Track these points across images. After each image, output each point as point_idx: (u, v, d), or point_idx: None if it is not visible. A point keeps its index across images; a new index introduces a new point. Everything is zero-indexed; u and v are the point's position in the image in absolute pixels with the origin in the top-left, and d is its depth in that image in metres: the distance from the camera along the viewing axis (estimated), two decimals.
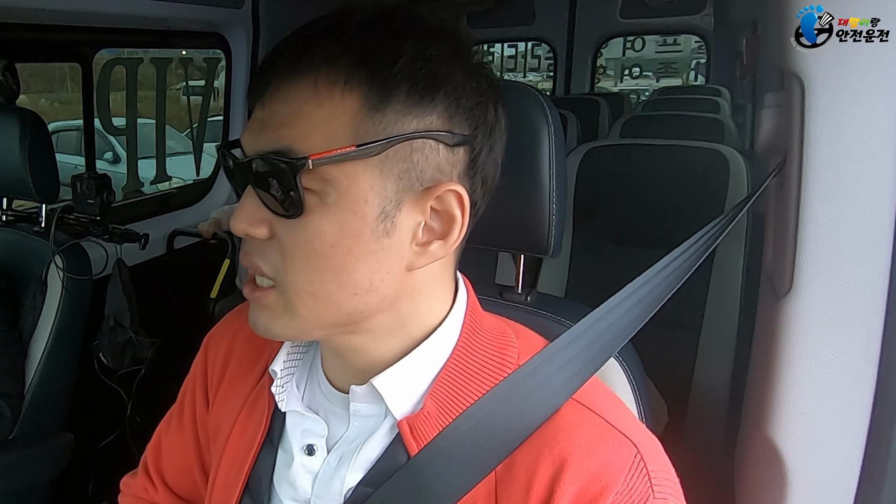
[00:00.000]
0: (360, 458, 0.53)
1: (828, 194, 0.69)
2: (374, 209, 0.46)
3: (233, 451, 0.60)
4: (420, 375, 0.52)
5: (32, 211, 1.49)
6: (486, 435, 0.51)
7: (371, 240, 0.47)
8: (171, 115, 3.86)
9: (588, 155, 1.63)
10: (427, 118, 0.47)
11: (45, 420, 1.35)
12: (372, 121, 0.45)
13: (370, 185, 0.46)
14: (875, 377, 0.72)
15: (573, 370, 0.55)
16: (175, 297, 1.86)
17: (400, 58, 0.45)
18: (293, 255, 0.47)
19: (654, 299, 0.65)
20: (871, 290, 0.70)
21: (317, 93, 0.45)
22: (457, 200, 0.49)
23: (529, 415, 0.51)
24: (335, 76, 0.45)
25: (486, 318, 0.57)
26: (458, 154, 0.49)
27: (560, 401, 0.52)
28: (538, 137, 0.62)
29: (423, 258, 0.49)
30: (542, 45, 5.31)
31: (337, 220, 0.46)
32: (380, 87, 0.45)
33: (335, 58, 0.45)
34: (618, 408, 0.53)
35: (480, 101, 0.49)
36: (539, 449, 0.49)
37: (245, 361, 0.64)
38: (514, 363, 0.54)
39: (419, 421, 0.51)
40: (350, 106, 0.45)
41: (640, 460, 0.47)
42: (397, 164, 0.46)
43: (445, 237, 0.49)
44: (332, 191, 0.45)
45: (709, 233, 0.71)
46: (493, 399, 0.52)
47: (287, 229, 0.47)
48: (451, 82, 0.47)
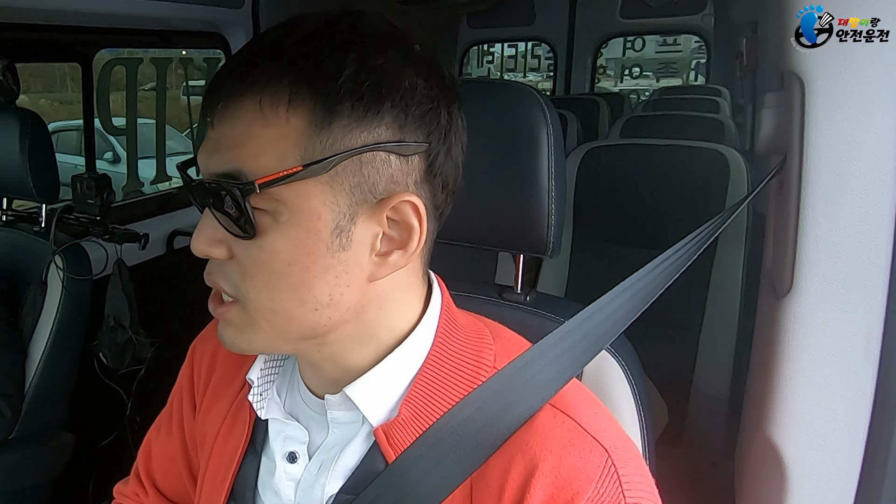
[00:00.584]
0: (339, 465, 0.53)
1: (828, 194, 0.69)
2: (328, 225, 0.46)
3: (217, 460, 0.61)
4: (394, 382, 0.52)
5: (32, 211, 1.48)
6: (475, 429, 0.50)
7: (327, 255, 0.47)
8: (170, 115, 3.86)
9: (588, 155, 1.63)
10: (375, 130, 0.46)
11: (45, 420, 1.35)
12: (319, 138, 0.45)
13: (321, 201, 0.46)
14: (875, 377, 0.72)
15: (564, 364, 0.55)
16: (175, 297, 1.85)
17: (342, 71, 0.45)
18: (252, 274, 0.47)
19: (647, 294, 0.65)
20: (871, 290, 0.70)
21: (262, 113, 0.45)
22: (412, 210, 0.48)
23: (519, 408, 0.51)
24: (279, 95, 0.45)
25: (461, 318, 0.56)
26: (412, 162, 0.48)
27: (549, 394, 0.52)
28: (537, 138, 0.62)
29: (384, 268, 0.49)
30: (542, 45, 5.31)
31: (291, 239, 0.46)
32: (324, 104, 0.45)
33: (278, 76, 0.45)
34: (592, 409, 0.52)
35: (432, 107, 0.48)
36: (512, 453, 0.49)
37: (228, 370, 0.64)
38: (490, 366, 0.53)
39: (395, 429, 0.51)
40: (296, 125, 0.45)
41: (611, 465, 0.47)
42: (348, 178, 0.46)
43: (405, 246, 0.49)
44: (285, 210, 0.46)
45: (705, 230, 0.71)
46: (483, 394, 0.52)
47: (244, 249, 0.47)
48: (398, 91, 0.46)
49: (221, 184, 0.46)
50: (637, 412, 0.68)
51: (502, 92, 0.65)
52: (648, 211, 1.57)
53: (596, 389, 0.66)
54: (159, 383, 0.78)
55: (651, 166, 1.59)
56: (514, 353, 0.55)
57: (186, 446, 0.69)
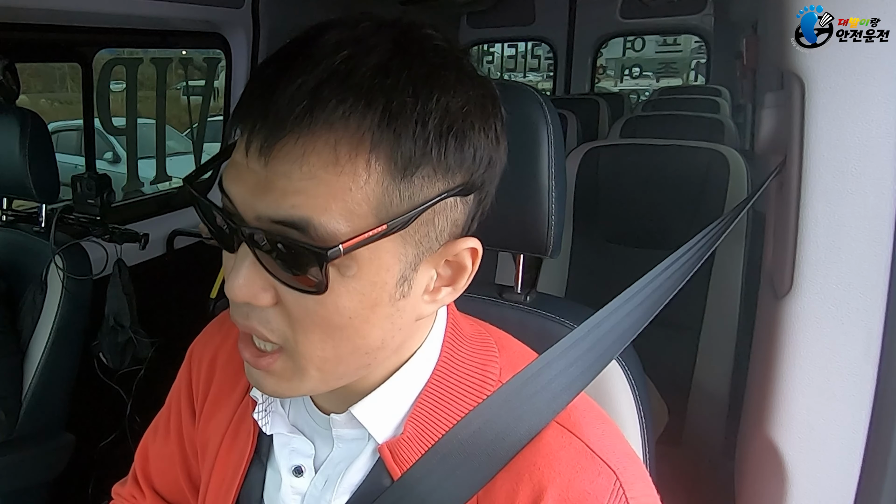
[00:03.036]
0: (345, 482, 0.52)
1: (828, 194, 0.69)
2: (395, 276, 0.43)
3: (221, 471, 0.59)
4: (399, 399, 0.51)
5: (32, 211, 1.48)
6: (484, 443, 0.49)
7: (388, 304, 0.44)
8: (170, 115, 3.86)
9: (588, 155, 1.63)
10: (452, 178, 0.43)
11: (45, 420, 1.35)
12: (398, 189, 0.40)
13: (393, 255, 0.42)
14: (875, 377, 0.72)
15: (573, 375, 0.54)
16: (175, 297, 1.86)
17: (428, 116, 0.40)
18: (305, 327, 0.43)
19: (654, 301, 0.64)
20: (871, 290, 0.70)
21: (336, 157, 0.39)
22: (471, 254, 0.47)
23: (528, 421, 0.50)
24: (358, 140, 0.39)
25: (466, 328, 0.55)
26: (469, 202, 0.45)
27: (559, 406, 0.51)
28: (537, 138, 0.62)
29: (432, 306, 0.47)
30: (542, 45, 5.31)
31: (357, 293, 0.42)
32: (409, 152, 0.40)
33: (359, 115, 0.39)
34: (600, 428, 0.51)
35: (495, 146, 0.45)
36: (519, 474, 0.48)
37: (229, 377, 0.62)
38: (495, 380, 0.52)
39: (399, 446, 0.50)
40: (374, 173, 0.40)
41: (619, 488, 0.46)
42: (420, 229, 0.43)
43: (454, 283, 0.47)
44: (354, 265, 0.41)
45: (709, 234, 0.71)
46: (491, 406, 0.51)
47: (297, 301, 0.43)
48: (475, 137, 0.43)
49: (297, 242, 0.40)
50: (637, 412, 0.68)
51: (502, 92, 0.64)
52: (648, 211, 1.57)
53: (596, 390, 0.66)
54: (159, 383, 0.77)
55: (651, 166, 1.59)
56: (520, 366, 0.54)
57: (185, 450, 0.68)
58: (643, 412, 0.68)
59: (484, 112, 0.44)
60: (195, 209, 0.47)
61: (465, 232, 0.47)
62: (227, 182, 0.43)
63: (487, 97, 0.45)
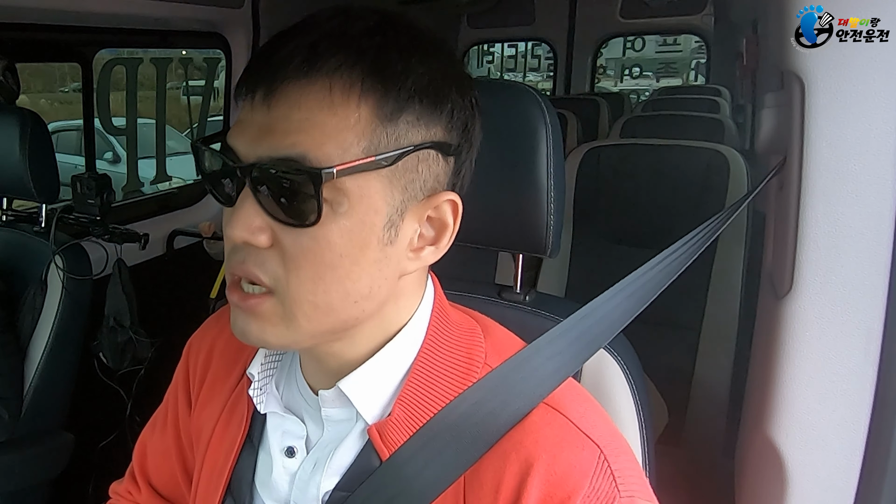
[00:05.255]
0: (334, 463, 0.53)
1: (828, 194, 0.69)
2: (383, 219, 0.47)
3: (214, 454, 0.61)
4: (386, 377, 0.52)
5: (32, 211, 1.48)
6: (471, 425, 0.51)
7: (377, 248, 0.47)
8: (170, 115, 3.86)
9: (588, 155, 1.63)
10: (433, 129, 0.48)
11: (45, 420, 1.35)
12: (385, 131, 0.45)
13: (381, 195, 0.46)
14: (875, 377, 0.72)
15: (561, 362, 0.56)
16: (175, 297, 1.86)
17: (411, 71, 0.46)
18: (298, 265, 0.46)
19: (646, 293, 0.65)
20: (871, 290, 0.70)
21: (331, 100, 0.45)
22: (451, 208, 0.50)
23: (515, 404, 0.51)
24: (351, 83, 0.45)
25: (453, 313, 0.57)
26: (450, 163, 0.50)
27: (546, 391, 0.52)
28: (536, 138, 0.62)
29: (414, 263, 0.50)
30: (542, 45, 5.31)
31: (347, 231, 0.46)
32: (395, 98, 0.45)
33: (350, 64, 0.45)
34: (582, 406, 0.53)
35: (471, 115, 0.51)
36: (506, 453, 0.49)
37: (224, 365, 0.63)
38: (481, 363, 0.54)
39: (388, 428, 0.51)
40: (364, 115, 0.45)
41: (604, 460, 0.48)
42: (405, 174, 0.47)
43: (436, 243, 0.51)
44: (345, 201, 0.45)
45: (705, 229, 0.71)
46: (479, 390, 0.52)
47: (293, 238, 0.46)
48: (452, 97, 0.49)
49: (289, 168, 0.44)
50: (637, 412, 0.68)
51: (502, 92, 0.65)
52: (648, 211, 1.57)
53: (596, 389, 0.66)
54: (159, 383, 0.78)
55: (651, 166, 1.59)
56: (505, 351, 0.55)
57: (181, 443, 0.69)
58: (643, 412, 0.68)
59: (461, 82, 0.50)
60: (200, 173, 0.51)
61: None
62: (231, 137, 0.47)
63: (463, 74, 0.51)
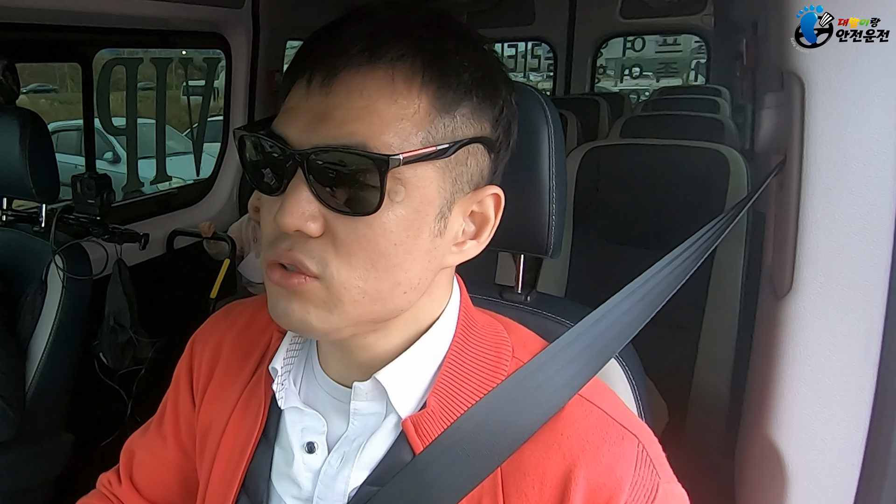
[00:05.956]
0: (364, 456, 0.53)
1: (828, 194, 0.69)
2: (435, 209, 0.47)
3: (228, 450, 0.60)
4: (421, 370, 0.52)
5: (32, 211, 1.49)
6: (488, 433, 0.51)
7: (428, 239, 0.47)
8: (170, 115, 3.86)
9: (588, 155, 1.63)
10: (483, 124, 0.49)
11: (45, 420, 1.35)
12: (442, 122, 0.46)
13: (436, 186, 0.46)
14: (875, 377, 0.72)
15: (575, 369, 0.55)
16: (175, 297, 1.86)
17: (467, 63, 0.47)
18: (351, 252, 0.45)
19: (654, 298, 0.65)
20: (871, 290, 0.70)
21: (393, 88, 0.44)
22: (494, 202, 0.51)
23: (532, 413, 0.51)
24: (413, 73, 0.45)
25: (476, 313, 0.58)
26: (491, 159, 0.51)
27: (562, 400, 0.52)
28: (538, 137, 0.62)
29: (456, 257, 0.51)
30: (542, 45, 5.31)
31: (403, 219, 0.46)
32: (454, 90, 0.46)
33: (412, 54, 0.45)
34: (613, 399, 0.54)
35: (513, 114, 0.52)
36: (547, 444, 0.50)
37: (235, 360, 0.62)
38: (509, 356, 0.54)
39: (424, 420, 0.51)
40: (423, 105, 0.45)
41: (643, 450, 0.49)
42: (457, 167, 0.47)
43: (478, 237, 0.51)
44: (402, 190, 0.45)
45: (709, 233, 0.71)
46: (495, 398, 0.52)
47: (349, 227, 0.45)
48: (504, 95, 0.50)
49: (354, 155, 0.43)
50: (637, 412, 0.67)
51: None
52: (648, 211, 1.57)
53: None
54: (159, 383, 0.77)
55: (651, 166, 1.59)
56: (530, 346, 0.56)
57: (181, 446, 0.67)
58: (643, 412, 0.68)
59: (507, 81, 0.51)
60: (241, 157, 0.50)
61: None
62: (281, 125, 0.46)
63: (508, 76, 0.52)
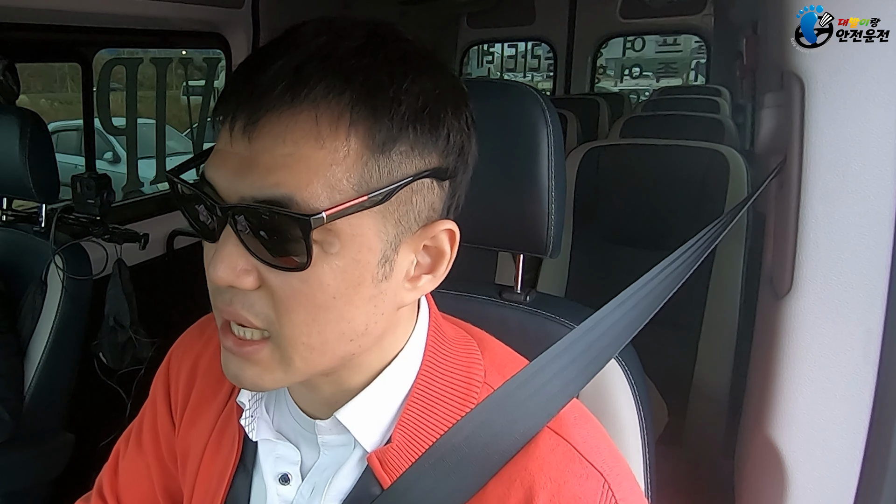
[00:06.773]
0: (333, 489, 0.51)
1: (828, 194, 0.69)
2: (377, 255, 0.44)
3: (205, 480, 0.58)
4: (385, 404, 0.50)
5: (32, 211, 1.48)
6: (478, 447, 0.49)
7: (371, 286, 0.44)
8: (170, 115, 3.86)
9: (588, 155, 1.63)
10: (427, 158, 0.44)
11: (44, 420, 1.35)
12: (377, 164, 0.41)
13: (374, 232, 0.43)
14: (875, 377, 0.72)
15: (570, 377, 0.54)
16: (175, 297, 1.85)
17: (403, 95, 0.42)
18: (289, 308, 0.43)
19: (652, 301, 0.64)
20: (871, 290, 0.70)
21: (318, 131, 0.40)
22: (448, 237, 0.47)
23: (524, 423, 0.49)
24: (339, 112, 0.40)
25: (448, 330, 0.54)
26: (444, 188, 0.47)
27: (557, 407, 0.51)
28: (537, 137, 0.62)
29: (412, 293, 0.48)
30: (542, 45, 5.31)
31: (340, 271, 0.43)
32: (387, 128, 0.41)
33: (338, 91, 0.40)
34: (585, 428, 0.51)
35: (467, 135, 0.47)
36: (511, 479, 0.47)
37: (209, 385, 0.61)
38: (480, 382, 0.51)
39: (389, 455, 0.49)
40: (354, 148, 0.41)
41: (608, 490, 0.46)
42: (398, 207, 0.43)
43: (433, 271, 0.48)
44: (336, 241, 0.42)
45: (708, 234, 0.71)
46: (485, 410, 0.50)
47: (282, 281, 0.43)
48: (449, 120, 0.45)
49: (276, 213, 0.40)
50: (637, 412, 0.67)
51: (502, 92, 0.65)
52: (648, 211, 1.57)
53: (596, 390, 0.66)
54: None
55: (651, 166, 1.59)
56: (504, 367, 0.53)
57: (161, 461, 0.65)
58: (643, 412, 0.68)
59: (456, 99, 0.46)
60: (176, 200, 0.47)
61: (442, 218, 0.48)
62: (210, 169, 0.43)
63: (458, 88, 0.47)
